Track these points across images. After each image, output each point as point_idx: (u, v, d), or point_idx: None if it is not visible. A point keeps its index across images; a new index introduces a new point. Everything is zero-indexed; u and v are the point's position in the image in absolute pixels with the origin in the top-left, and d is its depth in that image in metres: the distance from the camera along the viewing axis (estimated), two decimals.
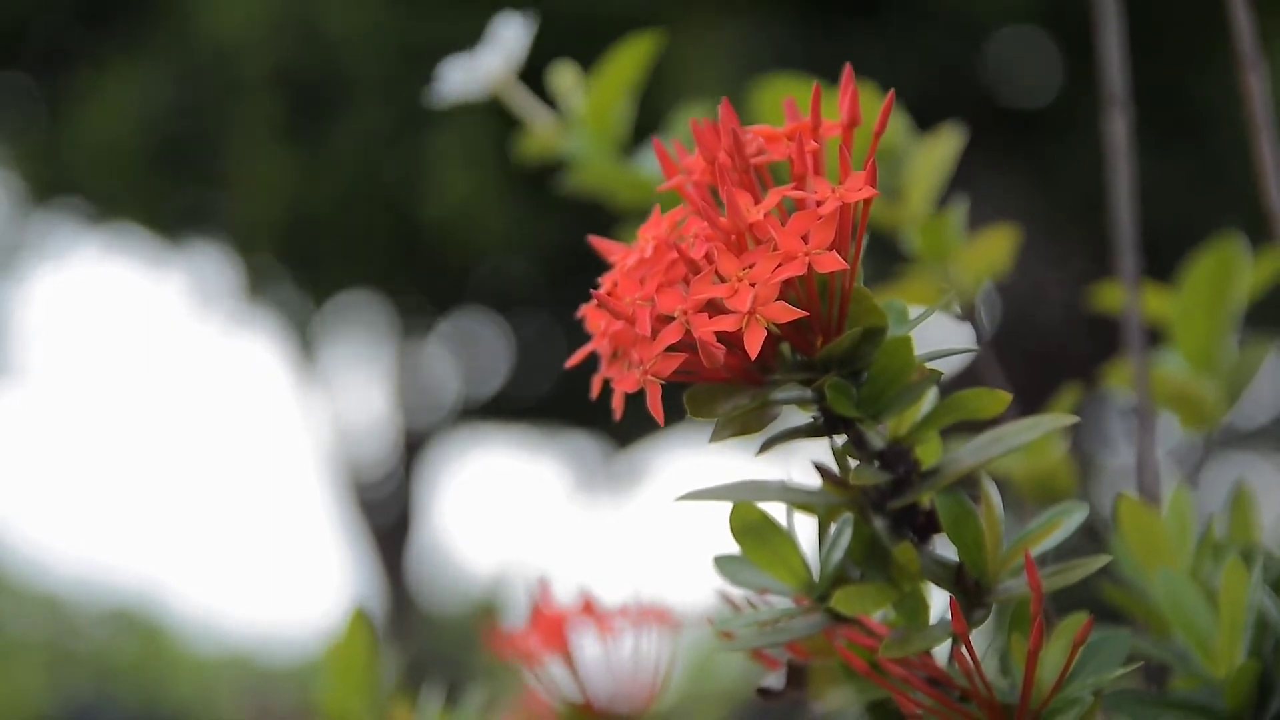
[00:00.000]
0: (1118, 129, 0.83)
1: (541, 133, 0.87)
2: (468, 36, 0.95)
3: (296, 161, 3.99)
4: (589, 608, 0.81)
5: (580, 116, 0.86)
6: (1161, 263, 0.88)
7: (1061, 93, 3.91)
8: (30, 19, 4.44)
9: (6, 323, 5.79)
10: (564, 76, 0.87)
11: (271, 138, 3.97)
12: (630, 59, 0.85)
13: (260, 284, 4.87)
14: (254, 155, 4.00)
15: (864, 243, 0.53)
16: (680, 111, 0.85)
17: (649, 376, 0.51)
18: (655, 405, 0.51)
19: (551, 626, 0.80)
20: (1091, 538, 0.75)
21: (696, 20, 3.57)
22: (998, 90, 4.10)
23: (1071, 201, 3.89)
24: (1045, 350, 4.01)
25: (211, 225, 4.61)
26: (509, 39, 0.85)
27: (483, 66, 0.85)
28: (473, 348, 5.41)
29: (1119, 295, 0.84)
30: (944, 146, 0.83)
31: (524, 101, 0.87)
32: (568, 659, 0.81)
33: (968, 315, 0.81)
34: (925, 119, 0.86)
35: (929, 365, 0.54)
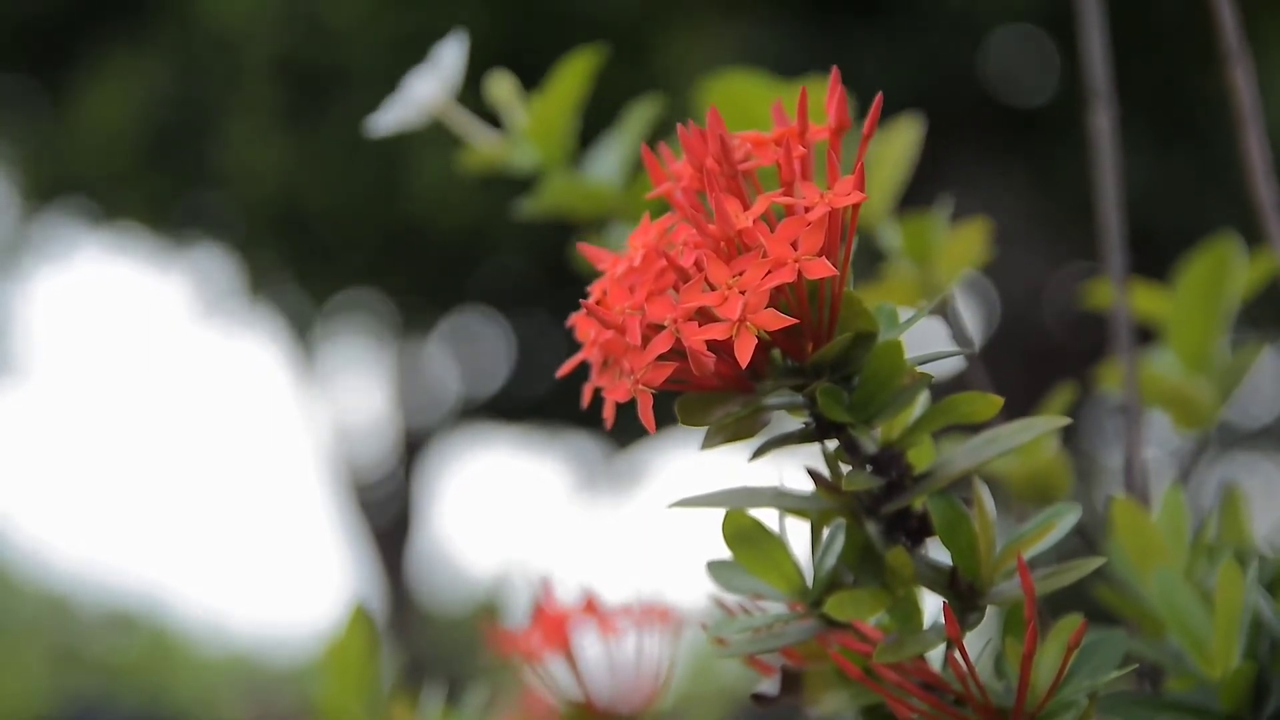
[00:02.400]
0: (1102, 125, 0.82)
1: (485, 150, 0.86)
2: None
3: (294, 151, 3.99)
4: (591, 607, 0.81)
5: (525, 132, 0.85)
6: (1166, 262, 0.88)
7: (1062, 92, 3.91)
8: (34, 19, 4.44)
9: (11, 322, 5.80)
10: (500, 89, 0.86)
11: (271, 127, 3.98)
12: (575, 74, 0.85)
13: (261, 282, 4.87)
14: (253, 145, 4.01)
15: (853, 247, 0.53)
16: (634, 111, 0.85)
17: (640, 386, 0.51)
18: (646, 414, 0.51)
19: (553, 625, 0.80)
20: (1085, 540, 0.75)
21: (697, 19, 3.58)
22: (998, 89, 4.10)
23: (1072, 201, 3.88)
24: (1045, 350, 4.01)
25: (212, 223, 4.62)
26: (444, 64, 0.85)
27: (418, 95, 0.85)
28: (473, 347, 5.41)
29: (1109, 293, 0.84)
30: (903, 138, 0.82)
31: (465, 122, 0.86)
32: (569, 658, 0.81)
33: (945, 312, 0.80)
34: (926, 118, 0.86)
35: (920, 369, 0.54)
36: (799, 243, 0.51)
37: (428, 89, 0.84)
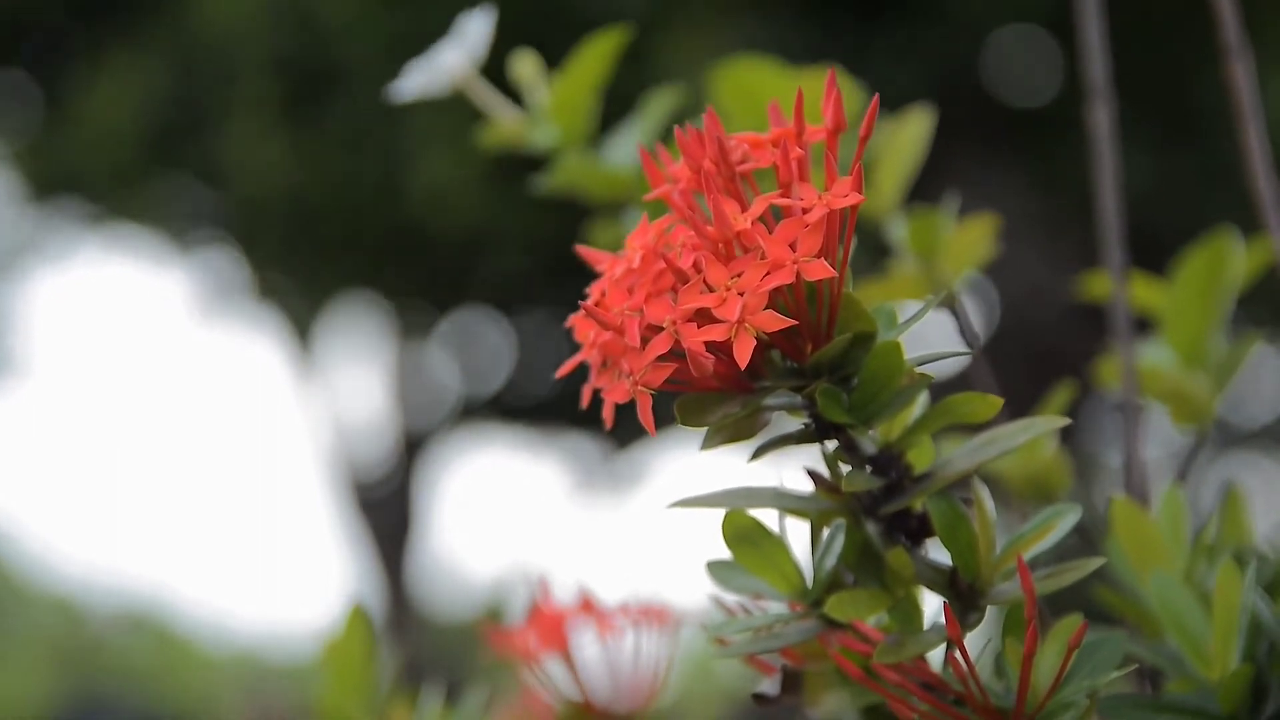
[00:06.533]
0: (1101, 120, 0.82)
1: (506, 126, 0.87)
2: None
3: (293, 150, 3.99)
4: (588, 606, 0.81)
5: (546, 111, 0.85)
6: (1167, 262, 0.88)
7: (1064, 92, 3.91)
8: (31, 17, 4.44)
9: (13, 322, 5.80)
10: (524, 67, 0.86)
11: (269, 125, 3.98)
12: (598, 55, 0.85)
13: (261, 282, 4.87)
14: (252, 143, 4.01)
15: (851, 247, 0.53)
16: (654, 98, 0.85)
17: (639, 387, 0.51)
18: (646, 415, 0.51)
19: (550, 625, 0.80)
20: (1085, 539, 0.75)
21: (700, 17, 3.57)
22: (1000, 89, 4.10)
23: (1072, 201, 3.88)
24: (1046, 349, 4.01)
25: (211, 221, 4.62)
26: (471, 35, 0.85)
27: (444, 63, 0.85)
28: (473, 347, 5.41)
29: (1106, 285, 0.83)
30: (913, 129, 0.82)
31: (487, 96, 0.86)
32: (567, 658, 0.81)
33: (952, 308, 0.80)
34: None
35: (919, 369, 0.54)
36: (797, 244, 0.51)
37: (453, 59, 0.84)
